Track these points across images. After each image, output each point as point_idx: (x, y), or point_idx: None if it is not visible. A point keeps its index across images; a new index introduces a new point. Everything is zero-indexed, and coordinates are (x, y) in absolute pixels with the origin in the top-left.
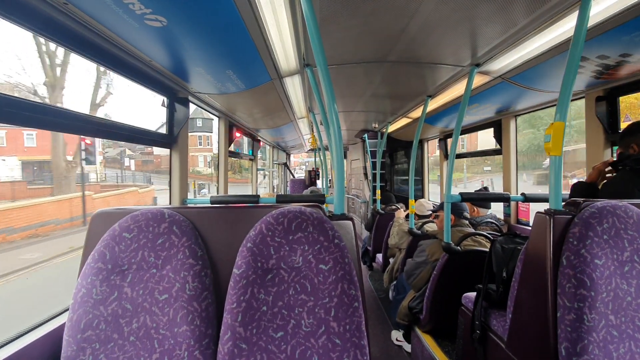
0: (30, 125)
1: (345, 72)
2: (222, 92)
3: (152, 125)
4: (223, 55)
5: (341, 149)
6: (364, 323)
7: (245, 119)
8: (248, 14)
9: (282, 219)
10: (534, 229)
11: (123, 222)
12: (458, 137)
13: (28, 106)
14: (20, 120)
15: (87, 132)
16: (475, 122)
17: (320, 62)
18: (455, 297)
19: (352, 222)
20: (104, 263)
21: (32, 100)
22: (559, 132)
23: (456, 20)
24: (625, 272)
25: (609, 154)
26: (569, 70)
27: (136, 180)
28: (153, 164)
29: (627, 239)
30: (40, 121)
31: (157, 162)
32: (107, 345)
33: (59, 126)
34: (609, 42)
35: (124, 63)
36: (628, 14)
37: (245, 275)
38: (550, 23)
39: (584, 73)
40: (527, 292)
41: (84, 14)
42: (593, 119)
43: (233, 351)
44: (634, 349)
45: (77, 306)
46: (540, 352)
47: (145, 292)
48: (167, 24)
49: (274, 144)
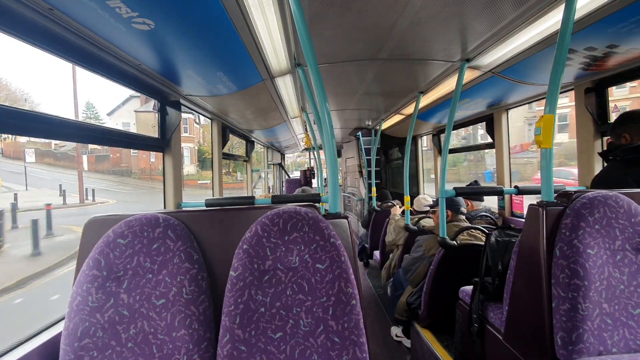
0: (16, 133)
1: (337, 71)
2: (213, 94)
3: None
4: (213, 57)
5: (334, 148)
6: (362, 320)
7: (238, 120)
8: (236, 15)
9: (278, 219)
10: (527, 221)
11: (117, 228)
12: (451, 133)
13: (12, 113)
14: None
15: (76, 139)
16: (468, 117)
17: (311, 61)
18: (452, 291)
19: (348, 220)
20: (99, 270)
21: (16, 107)
22: (549, 125)
23: (445, 15)
24: (617, 261)
25: (599, 145)
26: (557, 62)
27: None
28: (108, 161)
29: (618, 228)
30: (27, 128)
31: (115, 159)
32: (105, 352)
33: (47, 133)
34: (596, 34)
35: (113, 67)
36: (614, 5)
37: (242, 277)
38: (538, 16)
39: (573, 65)
40: (522, 283)
41: (70, 19)
42: (582, 111)
43: (232, 353)
44: (627, 335)
45: (73, 314)
46: (536, 342)
47: (142, 297)
48: (154, 27)
49: (268, 145)
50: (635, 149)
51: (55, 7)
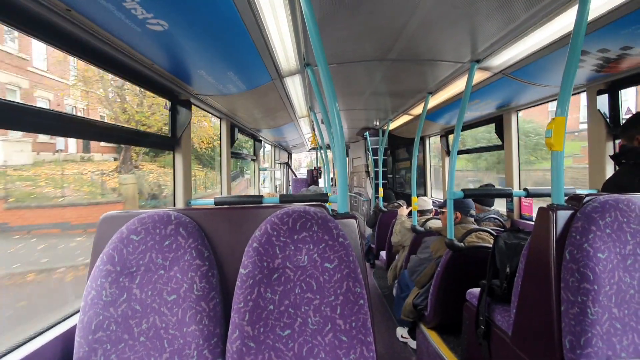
0: (30, 130)
1: (346, 71)
2: (223, 93)
3: None
4: (224, 57)
5: (343, 148)
6: (370, 320)
7: (246, 119)
8: (248, 15)
9: (287, 218)
10: (537, 224)
11: (130, 225)
12: (459, 133)
13: (27, 111)
14: (19, 125)
15: (89, 136)
16: (477, 117)
17: (321, 61)
18: (459, 293)
19: (356, 220)
20: (112, 265)
21: (30, 105)
22: (560, 127)
23: (456, 16)
24: (628, 266)
25: (610, 148)
26: (569, 64)
27: None
28: None
29: (629, 233)
30: (41, 125)
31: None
32: (118, 345)
33: (59, 130)
34: (609, 36)
35: (127, 67)
36: (628, 6)
37: (251, 275)
38: (550, 17)
39: (585, 67)
40: (530, 286)
41: (86, 20)
42: (595, 113)
43: (241, 349)
44: (637, 340)
45: (87, 308)
46: (544, 345)
47: (153, 293)
48: (168, 27)
49: (276, 144)
50: None
51: (73, 7)
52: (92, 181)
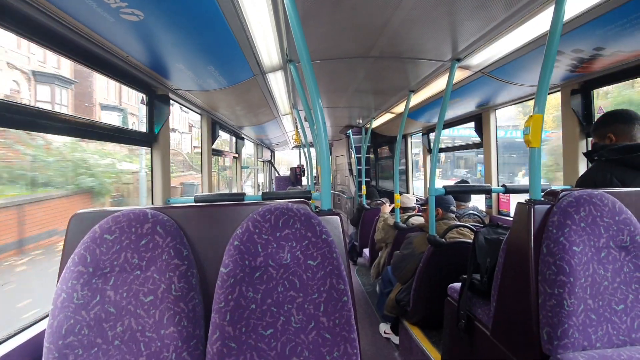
0: None
1: (329, 68)
2: (203, 88)
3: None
4: (203, 51)
5: (327, 145)
6: (354, 317)
7: (228, 116)
8: (228, 8)
9: (269, 215)
10: (516, 219)
11: (104, 224)
12: (441, 132)
13: None
14: None
15: (61, 132)
16: (457, 116)
17: (304, 58)
18: (441, 288)
19: (340, 217)
20: (84, 266)
21: None
22: (537, 124)
23: (437, 15)
24: (602, 258)
25: (584, 145)
26: (546, 64)
27: None
28: None
29: (602, 226)
30: (9, 120)
31: None
32: (90, 350)
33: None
34: (583, 36)
35: (99, 59)
36: (602, 7)
37: (232, 274)
38: (528, 17)
39: (560, 67)
40: (510, 280)
41: (54, 8)
42: (568, 112)
43: (222, 351)
44: (611, 331)
45: (57, 312)
46: (523, 337)
47: (129, 294)
48: (143, 18)
49: (258, 142)
50: (620, 150)
51: None
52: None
